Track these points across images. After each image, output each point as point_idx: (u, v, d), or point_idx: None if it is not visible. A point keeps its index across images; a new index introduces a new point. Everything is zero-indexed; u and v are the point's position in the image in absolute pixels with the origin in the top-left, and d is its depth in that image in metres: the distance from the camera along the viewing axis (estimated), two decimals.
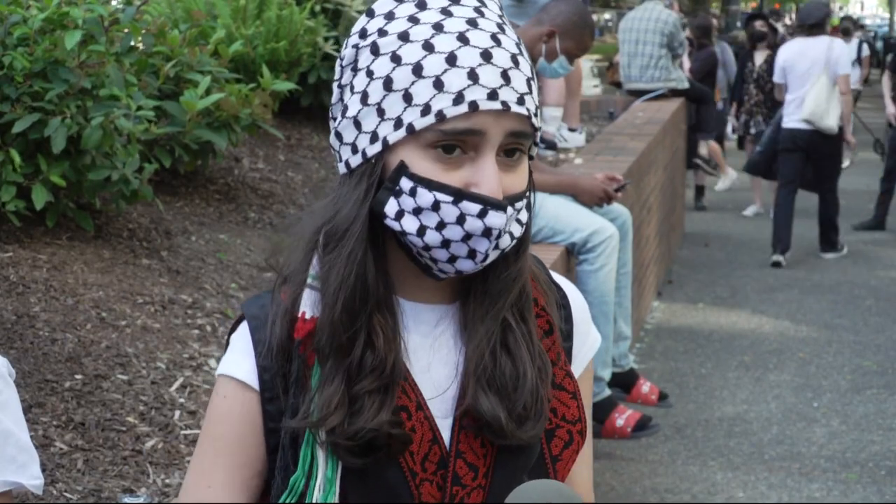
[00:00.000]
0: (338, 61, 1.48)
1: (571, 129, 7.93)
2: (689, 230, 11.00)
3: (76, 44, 4.11)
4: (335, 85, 1.48)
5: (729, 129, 12.25)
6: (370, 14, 1.45)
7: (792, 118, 9.61)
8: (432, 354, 1.46)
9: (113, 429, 3.27)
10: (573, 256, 4.80)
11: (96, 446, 3.18)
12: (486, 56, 1.38)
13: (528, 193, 1.45)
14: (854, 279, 9.34)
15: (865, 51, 15.84)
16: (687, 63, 11.80)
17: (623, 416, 5.03)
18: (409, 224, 1.39)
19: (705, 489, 5.26)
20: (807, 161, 9.72)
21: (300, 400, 1.42)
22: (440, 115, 1.36)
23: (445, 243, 1.39)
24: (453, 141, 1.37)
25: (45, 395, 3.35)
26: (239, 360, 1.47)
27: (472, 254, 1.40)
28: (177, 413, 3.42)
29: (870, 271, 9.66)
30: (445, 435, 1.45)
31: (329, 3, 7.24)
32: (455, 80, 1.37)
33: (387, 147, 1.40)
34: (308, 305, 1.43)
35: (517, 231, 1.43)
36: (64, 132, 4.09)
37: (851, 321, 8.10)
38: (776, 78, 9.89)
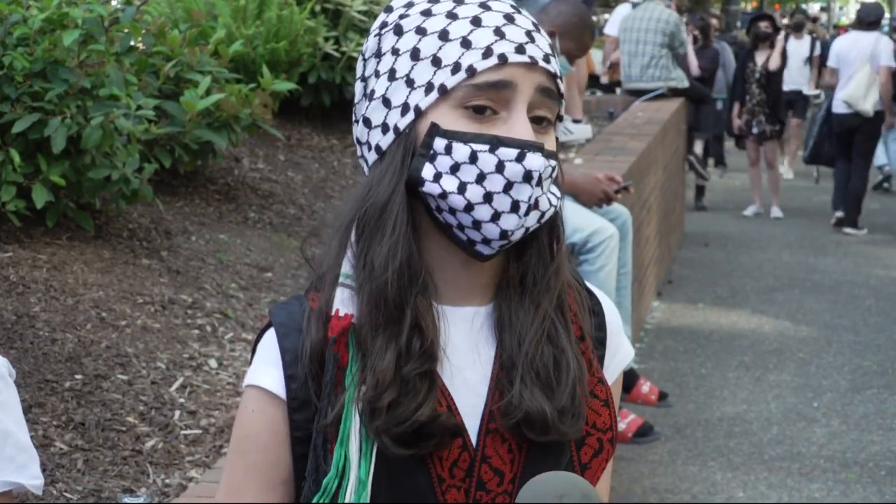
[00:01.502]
0: (359, 58, 1.48)
1: (576, 121, 7.92)
2: (689, 230, 11.00)
3: (76, 43, 4.11)
4: (357, 82, 1.47)
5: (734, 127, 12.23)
6: (388, 10, 1.47)
7: (840, 103, 11.19)
8: (465, 356, 1.45)
9: (113, 429, 3.27)
10: (573, 257, 4.80)
11: (96, 446, 3.18)
12: (510, 19, 1.42)
13: (555, 168, 1.45)
14: (854, 279, 9.34)
15: (818, 50, 14.36)
16: (695, 60, 11.82)
17: (625, 421, 5.02)
18: (449, 183, 1.38)
19: (705, 489, 5.25)
20: (849, 140, 11.33)
21: (334, 401, 1.40)
22: (471, 70, 1.38)
23: (488, 196, 1.38)
24: (485, 97, 1.38)
25: (45, 395, 3.35)
26: (266, 370, 1.45)
27: (515, 206, 1.38)
28: (177, 413, 3.42)
29: (870, 271, 9.66)
30: (473, 440, 1.42)
31: (329, 3, 7.24)
32: (482, 37, 1.39)
33: (419, 114, 1.40)
34: (341, 303, 1.41)
35: (552, 201, 1.43)
36: (64, 132, 4.09)
37: (851, 321, 8.09)
38: (831, 63, 11.42)
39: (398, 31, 1.43)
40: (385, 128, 1.42)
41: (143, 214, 4.88)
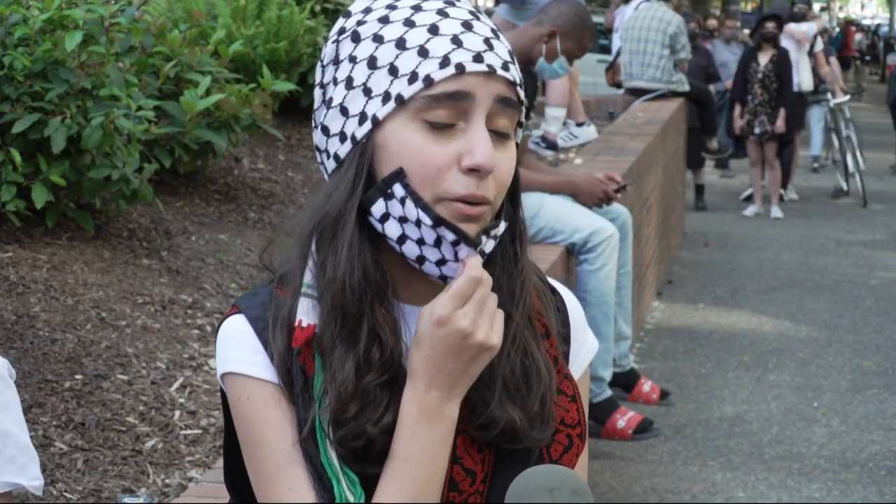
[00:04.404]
0: (318, 65, 1.47)
1: (580, 124, 7.92)
2: (689, 230, 10.99)
3: (76, 44, 4.11)
4: (316, 88, 1.46)
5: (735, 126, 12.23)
6: (346, 15, 1.45)
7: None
8: None
9: (113, 429, 3.28)
10: (573, 257, 4.80)
11: (96, 446, 3.19)
12: (468, 26, 1.39)
13: (509, 199, 1.44)
14: (854, 279, 9.34)
15: (820, 45, 14.05)
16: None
17: (624, 418, 5.03)
18: (392, 229, 1.38)
19: (705, 489, 5.25)
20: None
21: (308, 410, 1.38)
22: (428, 80, 1.36)
23: (421, 259, 1.39)
24: (443, 108, 1.36)
25: (45, 395, 3.35)
26: (247, 356, 1.41)
27: (442, 277, 1.40)
28: (177, 413, 3.42)
29: (870, 271, 9.66)
30: None
31: (329, 3, 7.25)
32: (439, 46, 1.37)
33: (376, 124, 1.38)
34: (303, 313, 1.40)
35: (488, 249, 1.42)
36: (64, 132, 4.09)
37: (851, 321, 8.09)
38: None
39: (356, 37, 1.41)
40: (343, 137, 1.41)
41: (143, 214, 4.88)
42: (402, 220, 1.38)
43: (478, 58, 1.37)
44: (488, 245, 1.41)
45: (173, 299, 4.17)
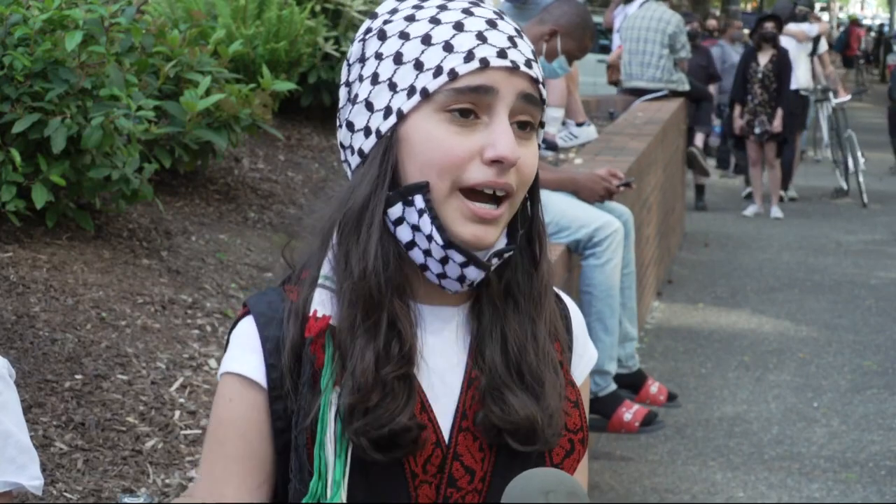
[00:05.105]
0: (343, 64, 1.49)
1: (580, 124, 7.91)
2: (689, 230, 10.99)
3: (77, 44, 4.11)
4: (342, 87, 1.48)
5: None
6: (373, 16, 1.48)
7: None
8: (441, 355, 1.46)
9: (113, 429, 3.27)
10: (575, 254, 4.80)
11: (96, 446, 3.18)
12: (492, 24, 1.43)
13: (529, 215, 1.47)
14: (854, 279, 9.34)
15: (823, 47, 14.13)
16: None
17: (630, 411, 5.02)
18: (403, 234, 1.41)
19: (705, 489, 5.25)
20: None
21: (312, 401, 1.40)
22: (452, 74, 1.39)
23: (424, 267, 1.42)
24: (467, 101, 1.39)
25: (45, 395, 3.35)
26: (245, 357, 1.44)
27: (440, 287, 1.44)
28: (177, 413, 3.42)
29: (870, 271, 9.66)
30: (445, 437, 1.44)
31: (329, 3, 7.24)
32: (464, 41, 1.40)
33: (401, 118, 1.40)
34: (319, 304, 1.42)
35: (492, 266, 1.44)
36: (64, 132, 4.09)
37: (851, 321, 8.09)
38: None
39: (382, 35, 1.44)
40: (367, 131, 1.43)
41: (143, 214, 4.88)
42: (415, 228, 1.40)
43: (502, 53, 1.40)
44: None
45: (173, 299, 4.16)
